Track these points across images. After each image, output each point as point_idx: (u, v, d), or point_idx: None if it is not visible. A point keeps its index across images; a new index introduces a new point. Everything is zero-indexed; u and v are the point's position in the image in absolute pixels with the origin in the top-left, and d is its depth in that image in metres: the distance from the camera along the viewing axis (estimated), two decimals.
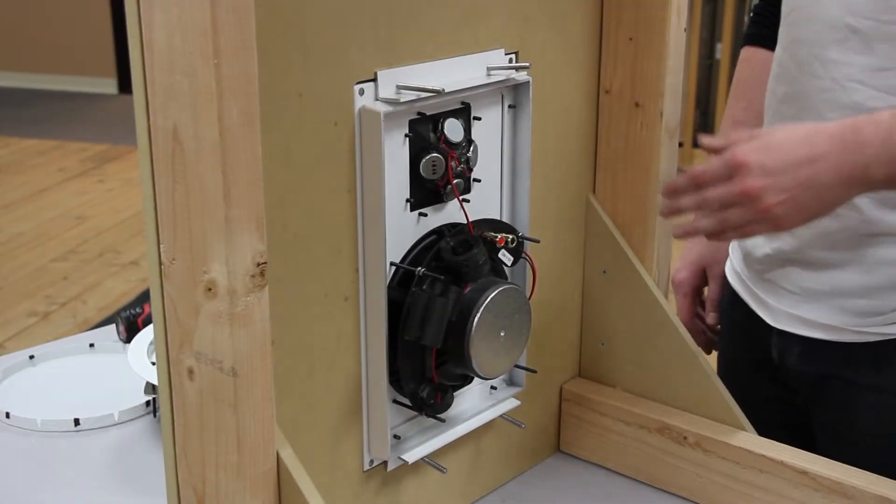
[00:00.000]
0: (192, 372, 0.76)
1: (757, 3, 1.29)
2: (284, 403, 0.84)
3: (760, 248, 1.17)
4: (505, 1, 0.96)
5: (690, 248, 1.35)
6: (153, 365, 1.20)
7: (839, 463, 1.00)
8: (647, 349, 1.11)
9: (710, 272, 1.33)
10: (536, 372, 1.05)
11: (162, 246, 0.75)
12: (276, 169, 0.80)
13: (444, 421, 0.97)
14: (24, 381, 1.35)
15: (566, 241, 1.11)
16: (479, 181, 0.97)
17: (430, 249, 0.93)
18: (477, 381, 1.00)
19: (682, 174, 0.97)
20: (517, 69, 0.96)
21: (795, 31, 1.09)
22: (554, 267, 1.10)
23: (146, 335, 1.27)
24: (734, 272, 1.25)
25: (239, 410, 0.76)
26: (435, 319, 0.89)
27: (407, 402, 0.94)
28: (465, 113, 0.94)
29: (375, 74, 0.86)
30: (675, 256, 1.25)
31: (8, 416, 1.23)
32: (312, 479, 0.80)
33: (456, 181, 0.94)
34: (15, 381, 1.35)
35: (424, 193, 0.93)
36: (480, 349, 0.91)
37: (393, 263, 0.90)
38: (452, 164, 0.93)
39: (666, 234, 1.11)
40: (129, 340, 1.32)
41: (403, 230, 0.92)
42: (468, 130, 0.95)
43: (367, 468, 0.95)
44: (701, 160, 1.98)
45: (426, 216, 0.94)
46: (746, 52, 1.31)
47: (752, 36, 1.30)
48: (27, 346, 1.64)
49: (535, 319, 0.98)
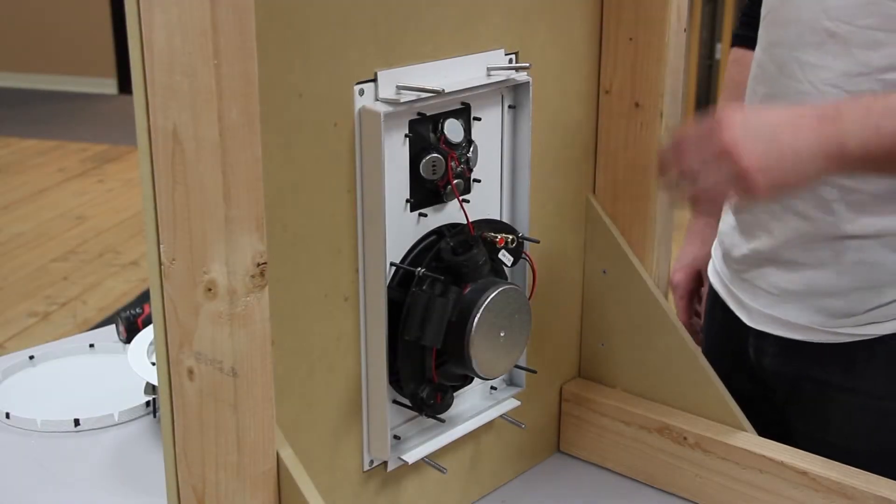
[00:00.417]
0: (191, 372, 0.76)
1: (745, 4, 1.29)
2: (284, 403, 0.84)
3: (738, 248, 1.17)
4: (505, 1, 0.96)
5: (685, 250, 1.35)
6: (153, 365, 1.20)
7: (839, 463, 0.99)
8: (647, 349, 1.11)
9: (705, 274, 1.33)
10: (536, 372, 1.05)
11: (162, 246, 0.75)
12: (276, 169, 0.80)
13: (444, 421, 0.97)
14: (24, 381, 1.35)
15: (566, 241, 1.11)
16: (479, 181, 0.97)
17: (430, 250, 0.93)
18: (477, 381, 1.00)
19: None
20: (517, 69, 0.96)
21: (774, 33, 1.09)
22: (554, 267, 1.10)
23: (146, 335, 1.27)
24: (715, 272, 1.26)
25: (239, 410, 0.76)
26: (435, 320, 0.89)
27: (407, 402, 0.94)
28: (465, 113, 0.94)
29: (375, 75, 0.86)
30: (673, 256, 1.25)
31: (8, 416, 1.23)
32: (312, 479, 0.80)
33: (456, 181, 0.94)
34: (15, 381, 1.35)
35: (424, 194, 0.93)
36: (480, 349, 0.91)
37: (393, 264, 0.90)
38: (452, 164, 0.93)
39: (666, 234, 1.11)
40: (129, 341, 1.32)
41: (403, 230, 0.92)
42: (468, 131, 0.95)
43: (367, 468, 0.95)
44: None
45: (426, 216, 0.94)
46: (735, 53, 1.30)
47: (740, 37, 1.29)
48: (27, 346, 1.64)
49: (535, 319, 0.98)
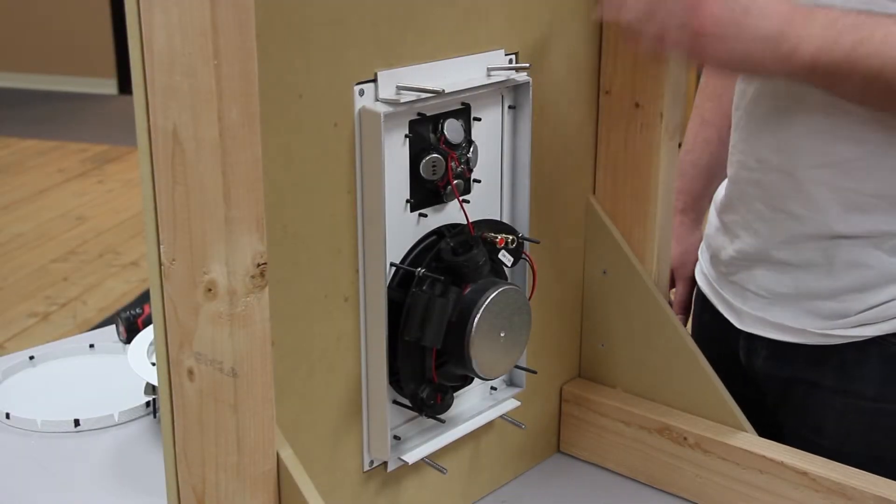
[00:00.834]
0: (191, 372, 0.76)
1: None
2: (284, 404, 0.84)
3: (726, 250, 1.16)
4: (505, 1, 0.96)
5: None
6: (153, 365, 1.19)
7: (839, 464, 0.99)
8: (647, 349, 1.11)
9: (677, 274, 1.33)
10: (536, 372, 1.05)
11: (162, 246, 0.75)
12: (276, 169, 0.80)
13: (444, 421, 0.97)
14: (24, 381, 1.35)
15: (566, 241, 1.11)
16: (479, 182, 0.97)
17: (430, 250, 0.93)
18: (477, 381, 1.00)
19: None
20: (517, 70, 0.96)
21: None
22: (554, 267, 1.10)
23: (146, 336, 1.27)
24: (703, 274, 1.25)
25: (239, 411, 0.76)
26: (435, 320, 0.89)
27: (407, 402, 0.94)
28: (465, 114, 0.94)
29: (375, 75, 0.86)
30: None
31: (8, 416, 1.23)
32: (312, 479, 0.80)
33: (456, 182, 0.94)
34: (15, 381, 1.35)
35: (424, 194, 0.93)
36: (480, 350, 0.91)
37: (393, 264, 0.90)
38: (452, 164, 0.92)
39: (666, 234, 1.11)
40: (129, 341, 1.32)
41: (403, 231, 0.92)
42: (468, 131, 0.95)
43: (367, 469, 0.95)
44: None
45: (426, 217, 0.94)
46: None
47: None
48: (27, 346, 1.64)
49: (535, 320, 0.98)
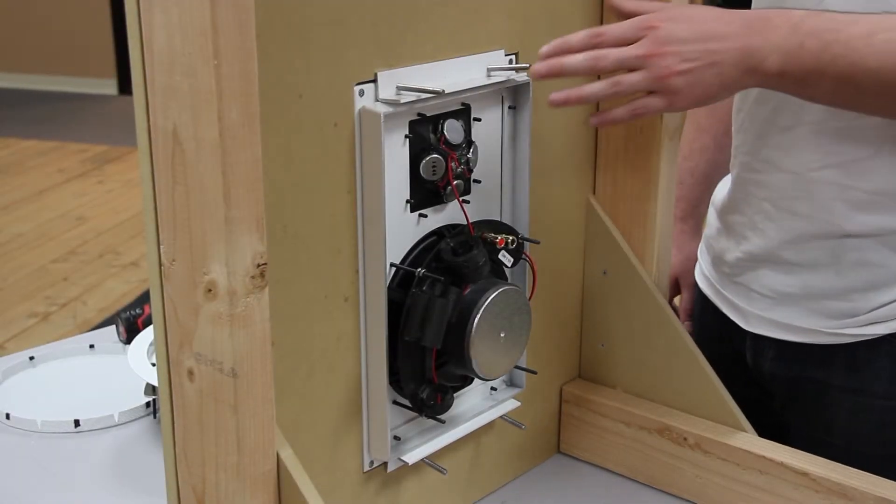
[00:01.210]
0: (191, 373, 0.76)
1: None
2: (284, 404, 0.84)
3: (730, 251, 1.16)
4: (505, 1, 0.96)
5: None
6: (153, 366, 1.19)
7: (839, 464, 0.99)
8: (647, 350, 1.11)
9: (682, 282, 1.33)
10: (536, 373, 1.05)
11: (162, 247, 0.75)
12: (276, 169, 0.80)
13: (444, 422, 0.97)
14: (24, 382, 1.35)
15: (566, 242, 1.11)
16: (479, 182, 0.97)
17: (430, 250, 0.92)
18: (477, 382, 1.00)
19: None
20: (517, 70, 0.96)
21: None
22: (554, 268, 1.10)
23: (146, 336, 1.27)
24: (704, 277, 1.24)
25: (239, 411, 0.76)
26: (435, 320, 0.89)
27: (407, 403, 0.94)
28: (465, 114, 0.94)
29: (375, 75, 0.86)
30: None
31: (8, 417, 1.23)
32: (312, 479, 0.80)
33: (456, 182, 0.94)
34: (15, 382, 1.35)
35: (424, 194, 0.93)
36: (480, 350, 0.91)
37: (393, 264, 0.90)
38: (452, 165, 0.92)
39: (666, 234, 1.11)
40: (129, 341, 1.32)
41: (403, 231, 0.92)
42: (468, 131, 0.95)
43: (367, 469, 0.95)
44: None
45: (426, 217, 0.94)
46: None
47: None
48: (27, 347, 1.64)
49: (535, 320, 0.98)
